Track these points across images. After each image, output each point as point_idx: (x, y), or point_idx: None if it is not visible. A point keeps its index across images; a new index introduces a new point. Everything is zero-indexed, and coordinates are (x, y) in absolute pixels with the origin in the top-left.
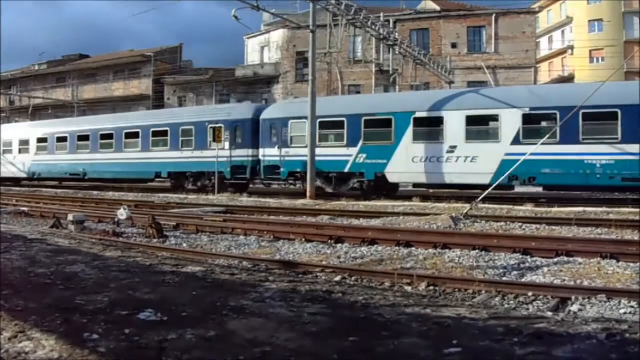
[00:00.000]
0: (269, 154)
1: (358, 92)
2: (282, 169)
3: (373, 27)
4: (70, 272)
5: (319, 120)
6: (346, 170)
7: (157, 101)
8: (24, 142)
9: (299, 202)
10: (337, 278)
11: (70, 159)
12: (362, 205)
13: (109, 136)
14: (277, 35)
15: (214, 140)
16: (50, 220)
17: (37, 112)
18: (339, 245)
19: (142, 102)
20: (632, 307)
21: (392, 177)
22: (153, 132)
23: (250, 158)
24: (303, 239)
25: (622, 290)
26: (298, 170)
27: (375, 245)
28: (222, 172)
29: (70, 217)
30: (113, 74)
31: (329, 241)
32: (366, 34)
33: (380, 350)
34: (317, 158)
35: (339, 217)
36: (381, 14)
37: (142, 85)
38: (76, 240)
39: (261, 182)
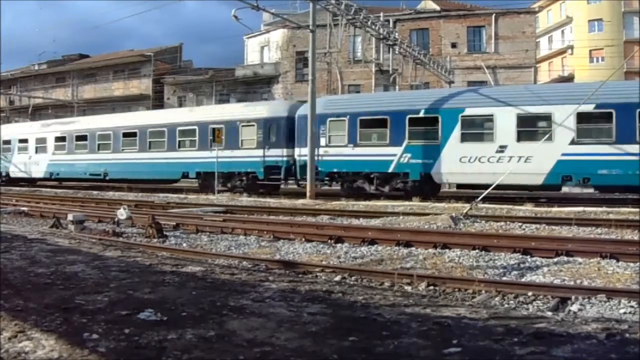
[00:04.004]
0: None
1: (358, 91)
2: None
3: (373, 27)
4: (70, 272)
5: None
6: None
7: (157, 101)
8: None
9: (299, 202)
10: (337, 278)
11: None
12: (362, 205)
13: None
14: (277, 35)
15: (213, 140)
16: (50, 220)
17: (37, 112)
18: (339, 245)
19: (142, 102)
20: (632, 307)
21: None
22: None
23: None
24: (303, 239)
25: (622, 290)
26: None
27: (375, 245)
28: None
29: (70, 217)
30: (113, 74)
31: (329, 241)
32: (366, 34)
33: (380, 350)
34: None
35: (339, 217)
36: (381, 14)
37: (142, 85)
38: (76, 240)
39: None
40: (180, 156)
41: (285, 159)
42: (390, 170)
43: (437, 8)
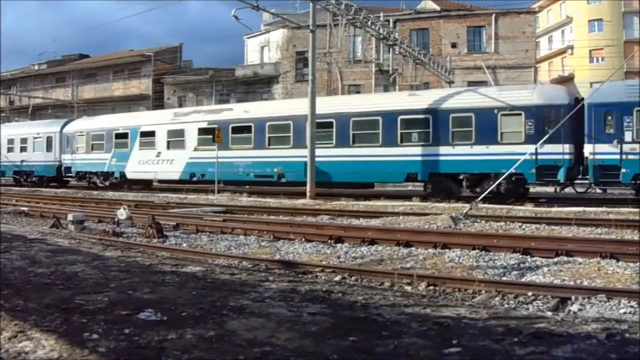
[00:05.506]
0: None
1: (358, 92)
2: None
3: (373, 27)
4: (70, 272)
5: None
6: None
7: (157, 101)
8: None
9: (299, 202)
10: (337, 278)
11: None
12: (362, 205)
13: None
14: (277, 35)
15: (213, 140)
16: (50, 220)
17: (37, 112)
18: (339, 245)
19: (142, 102)
20: (632, 307)
21: None
22: None
23: None
24: (303, 239)
25: (622, 290)
26: None
27: (375, 245)
28: None
29: (70, 217)
30: (113, 74)
31: (329, 241)
32: (366, 34)
33: (380, 350)
34: None
35: (339, 217)
36: (381, 14)
37: (142, 85)
38: (76, 240)
39: None
40: (403, 153)
41: (567, 157)
42: None
43: (437, 8)
